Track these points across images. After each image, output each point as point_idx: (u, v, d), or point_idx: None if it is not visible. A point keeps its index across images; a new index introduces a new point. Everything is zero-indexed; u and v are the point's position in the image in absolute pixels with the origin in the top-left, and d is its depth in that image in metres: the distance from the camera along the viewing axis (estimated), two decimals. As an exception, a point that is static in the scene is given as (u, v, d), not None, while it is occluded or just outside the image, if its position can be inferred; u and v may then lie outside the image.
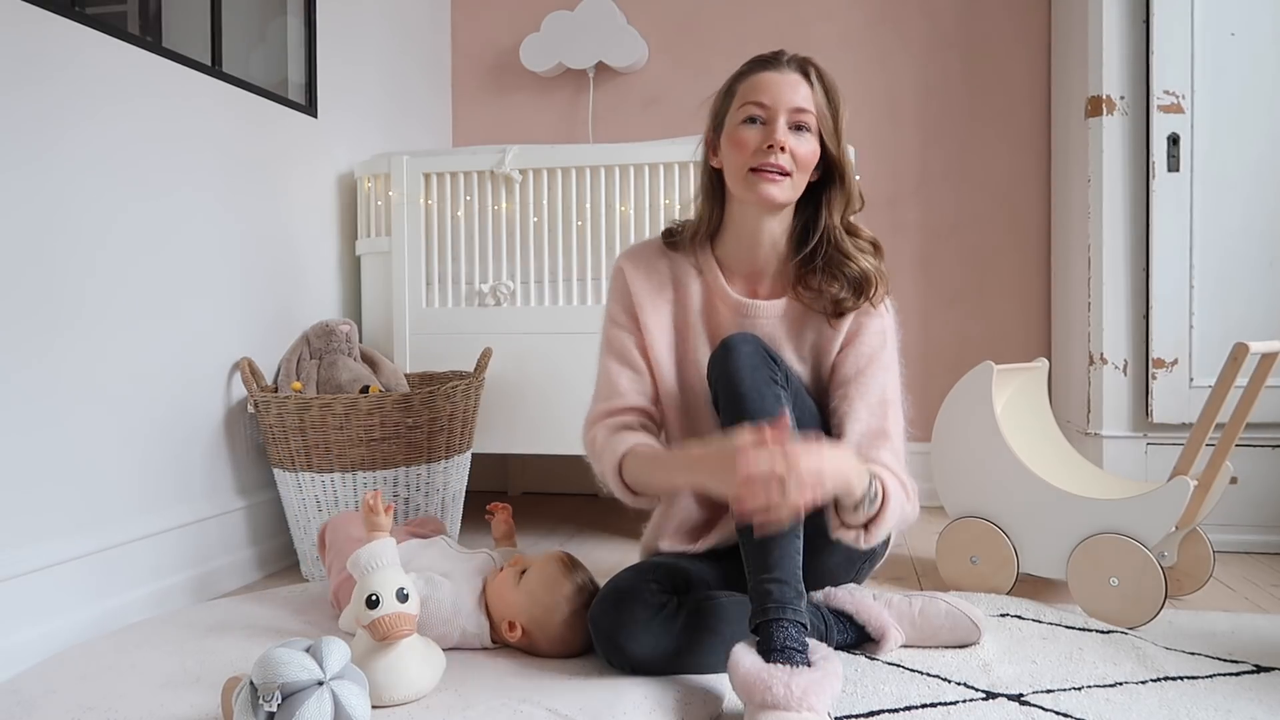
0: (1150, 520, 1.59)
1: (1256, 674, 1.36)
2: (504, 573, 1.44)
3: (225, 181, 1.98)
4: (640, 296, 1.51)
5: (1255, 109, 2.12)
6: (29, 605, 1.48)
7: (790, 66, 1.43)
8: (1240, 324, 2.10)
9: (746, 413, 1.28)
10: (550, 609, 1.37)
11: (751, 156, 1.40)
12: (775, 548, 1.22)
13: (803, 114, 1.41)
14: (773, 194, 1.41)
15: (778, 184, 1.41)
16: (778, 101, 1.40)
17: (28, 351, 1.50)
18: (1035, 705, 1.24)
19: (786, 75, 1.42)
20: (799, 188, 1.44)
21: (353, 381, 2.09)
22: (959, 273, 2.78)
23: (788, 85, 1.41)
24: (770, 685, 1.10)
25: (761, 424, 1.17)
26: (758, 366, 1.31)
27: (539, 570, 1.41)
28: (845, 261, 1.45)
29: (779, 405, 1.29)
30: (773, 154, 1.39)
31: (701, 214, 1.54)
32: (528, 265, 2.28)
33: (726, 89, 1.48)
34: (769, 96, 1.41)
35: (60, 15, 1.56)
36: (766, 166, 1.40)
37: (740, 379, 1.30)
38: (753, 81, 1.43)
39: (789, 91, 1.41)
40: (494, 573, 1.47)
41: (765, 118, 1.41)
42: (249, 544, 2.02)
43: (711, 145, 1.51)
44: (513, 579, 1.42)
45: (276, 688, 1.02)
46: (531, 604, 1.38)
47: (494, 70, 3.06)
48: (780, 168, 1.40)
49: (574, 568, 1.43)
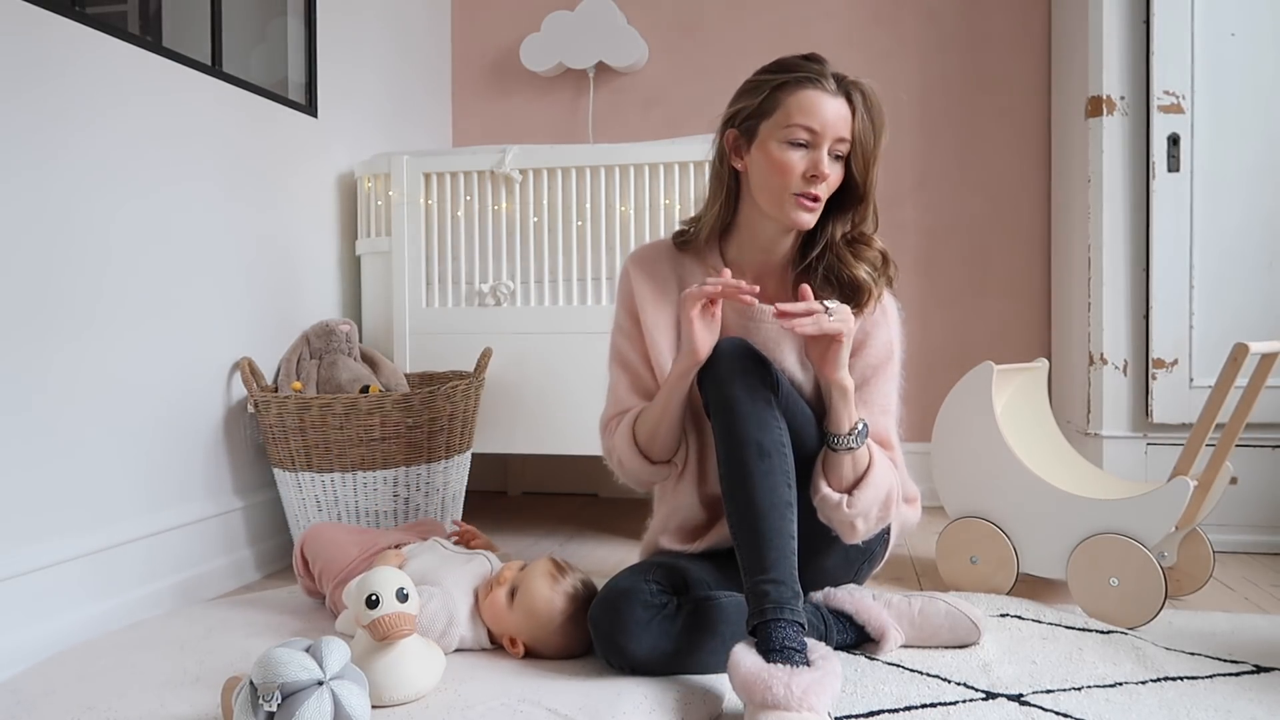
0: (1150, 520, 1.59)
1: (1256, 674, 1.35)
2: (495, 594, 1.42)
3: (225, 181, 1.98)
4: (643, 298, 1.52)
5: (1255, 109, 2.12)
6: (29, 605, 1.48)
7: (840, 91, 1.39)
8: (1240, 324, 2.10)
9: (738, 415, 1.29)
10: (546, 624, 1.37)
11: (795, 182, 1.39)
12: (771, 548, 1.23)
13: (843, 143, 1.40)
14: (806, 221, 1.42)
15: (812, 211, 1.42)
16: (826, 129, 1.37)
17: (28, 351, 1.50)
18: (1035, 705, 1.24)
19: (835, 100, 1.38)
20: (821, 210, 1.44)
21: (353, 381, 2.09)
22: (959, 273, 2.78)
23: (836, 113, 1.38)
24: (771, 685, 1.10)
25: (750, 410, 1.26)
26: (747, 370, 1.32)
27: (528, 590, 1.39)
28: (841, 269, 1.45)
29: (770, 410, 1.30)
30: (816, 184, 1.39)
31: (714, 212, 1.51)
32: (528, 265, 2.28)
33: (769, 95, 1.41)
34: (819, 122, 1.37)
35: (60, 15, 1.56)
36: (807, 195, 1.39)
37: (730, 381, 1.31)
38: (803, 100, 1.38)
39: (837, 120, 1.38)
40: (485, 588, 1.45)
41: (813, 143, 1.38)
42: (249, 544, 2.02)
43: (735, 146, 1.46)
44: (505, 601, 1.40)
45: (276, 687, 1.02)
46: (529, 623, 1.38)
47: (494, 70, 3.06)
48: (818, 197, 1.40)
49: (562, 574, 1.43)
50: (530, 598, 1.38)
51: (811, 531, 1.36)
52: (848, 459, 1.36)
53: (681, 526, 1.52)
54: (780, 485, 1.27)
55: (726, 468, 1.29)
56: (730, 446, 1.29)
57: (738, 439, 1.29)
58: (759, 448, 1.27)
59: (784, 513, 1.26)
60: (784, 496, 1.27)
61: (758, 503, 1.25)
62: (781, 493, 1.27)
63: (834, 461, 1.36)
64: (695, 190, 2.19)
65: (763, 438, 1.28)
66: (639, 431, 1.45)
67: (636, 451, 1.46)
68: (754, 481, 1.26)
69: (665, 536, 1.53)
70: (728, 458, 1.29)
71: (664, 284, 1.53)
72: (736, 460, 1.28)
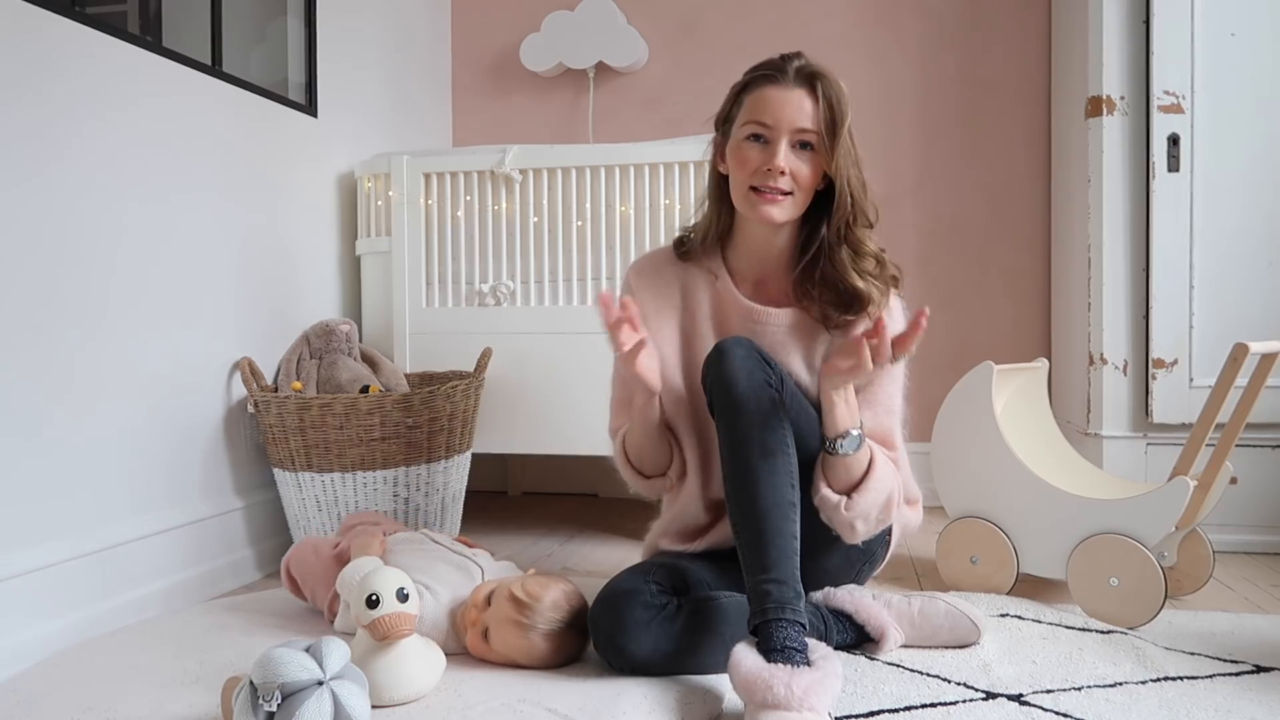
0: (1150, 520, 1.59)
1: (1256, 674, 1.35)
2: (472, 635, 1.36)
3: (225, 181, 1.98)
4: (645, 308, 1.51)
5: (1255, 109, 2.12)
6: (29, 605, 1.48)
7: (797, 81, 1.39)
8: (1240, 324, 2.10)
9: (743, 414, 1.29)
10: (531, 652, 1.33)
11: (752, 176, 1.40)
12: (773, 548, 1.23)
13: (806, 133, 1.39)
14: (772, 214, 1.41)
15: (778, 204, 1.40)
16: (780, 121, 1.38)
17: (27, 351, 1.50)
18: (1035, 705, 1.24)
19: (792, 92, 1.38)
20: (801, 205, 1.43)
21: (353, 381, 2.09)
22: (958, 273, 2.78)
23: (791, 104, 1.38)
24: (771, 685, 1.10)
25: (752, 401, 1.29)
26: (752, 370, 1.32)
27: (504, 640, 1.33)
28: (839, 276, 1.44)
29: (774, 410, 1.30)
30: (772, 177, 1.38)
31: (710, 217, 1.53)
32: (528, 265, 2.28)
33: (734, 97, 1.45)
34: (771, 116, 1.38)
35: (60, 15, 1.56)
36: (766, 188, 1.39)
37: (735, 381, 1.30)
38: (758, 96, 1.40)
39: (792, 111, 1.38)
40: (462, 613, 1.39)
41: (768, 137, 1.39)
42: (249, 544, 2.02)
43: (720, 151, 1.49)
44: (482, 643, 1.35)
45: (276, 687, 1.02)
46: (515, 654, 1.34)
47: (494, 70, 3.06)
48: (779, 189, 1.39)
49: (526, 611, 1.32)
50: (507, 647, 1.33)
51: (813, 532, 1.36)
52: (847, 462, 1.35)
53: (684, 529, 1.52)
54: (783, 485, 1.27)
55: (730, 467, 1.29)
56: (734, 446, 1.29)
57: (742, 438, 1.29)
58: (763, 447, 1.27)
59: (787, 512, 1.26)
60: (787, 496, 1.27)
61: (761, 502, 1.25)
62: (784, 492, 1.26)
63: (832, 463, 1.36)
64: (695, 190, 2.19)
65: (767, 437, 1.28)
66: (629, 448, 1.49)
67: (630, 467, 1.51)
68: (757, 481, 1.26)
69: (666, 539, 1.53)
70: (732, 457, 1.29)
71: (667, 293, 1.53)
72: (740, 460, 1.28)
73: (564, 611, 1.35)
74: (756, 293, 1.51)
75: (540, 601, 1.33)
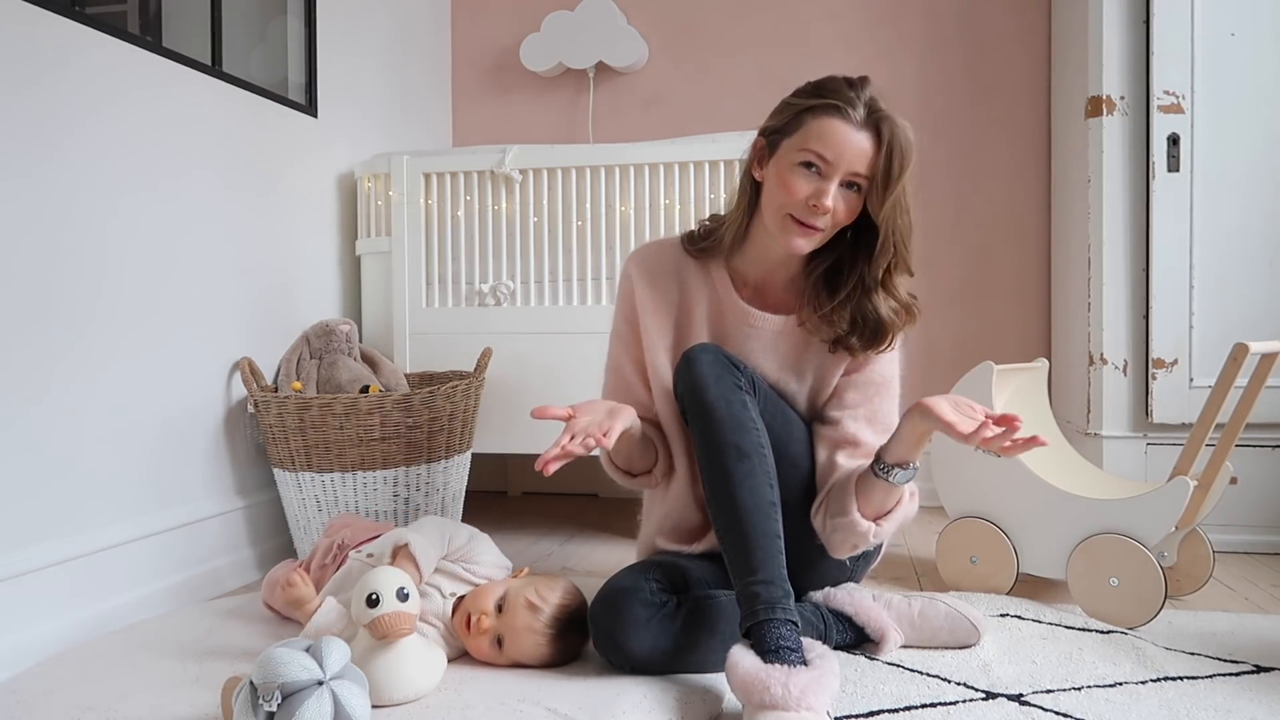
0: (1150, 520, 1.59)
1: (1256, 674, 1.36)
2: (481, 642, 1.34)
3: (225, 181, 1.98)
4: (642, 298, 1.51)
5: (1255, 109, 2.12)
6: (29, 605, 1.48)
7: (867, 125, 1.33)
8: (1240, 324, 2.10)
9: (714, 419, 1.30)
10: (540, 654, 1.33)
11: (795, 204, 1.35)
12: (757, 549, 1.23)
13: (859, 176, 1.34)
14: (801, 246, 1.38)
15: (809, 238, 1.37)
16: (840, 161, 1.32)
17: (27, 351, 1.50)
18: (1035, 705, 1.24)
19: (859, 134, 1.32)
20: (827, 239, 1.40)
21: (353, 381, 2.09)
22: (959, 273, 2.78)
23: (854, 145, 1.32)
24: (769, 685, 1.10)
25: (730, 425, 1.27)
26: (721, 375, 1.32)
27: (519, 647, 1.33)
28: (867, 313, 1.41)
29: (746, 412, 1.30)
30: (816, 214, 1.34)
31: (732, 220, 1.48)
32: (528, 265, 2.28)
33: (795, 115, 1.37)
34: (833, 153, 1.32)
35: (60, 15, 1.56)
36: (805, 221, 1.36)
37: (705, 387, 1.31)
38: (823, 126, 1.33)
39: (854, 153, 1.32)
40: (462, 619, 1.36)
41: (823, 172, 1.34)
42: (249, 544, 2.02)
43: (759, 155, 1.43)
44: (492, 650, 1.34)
45: (276, 687, 1.02)
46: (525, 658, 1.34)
47: (494, 70, 3.06)
48: (817, 226, 1.36)
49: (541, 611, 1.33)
50: (523, 653, 1.33)
51: (801, 534, 1.36)
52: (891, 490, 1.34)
53: (677, 527, 1.52)
54: (762, 485, 1.27)
55: (707, 474, 1.30)
56: (709, 452, 1.30)
57: (715, 443, 1.29)
58: (737, 450, 1.27)
59: (768, 513, 1.26)
60: (767, 496, 1.27)
61: (740, 505, 1.25)
62: (764, 493, 1.27)
63: (876, 486, 1.33)
64: (695, 190, 2.20)
65: (740, 440, 1.28)
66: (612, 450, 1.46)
67: (614, 465, 1.51)
68: (735, 484, 1.26)
69: (662, 537, 1.53)
70: (708, 463, 1.30)
71: (665, 287, 1.52)
72: (716, 465, 1.28)
73: (569, 611, 1.36)
74: (755, 297, 1.50)
75: (550, 605, 1.35)
